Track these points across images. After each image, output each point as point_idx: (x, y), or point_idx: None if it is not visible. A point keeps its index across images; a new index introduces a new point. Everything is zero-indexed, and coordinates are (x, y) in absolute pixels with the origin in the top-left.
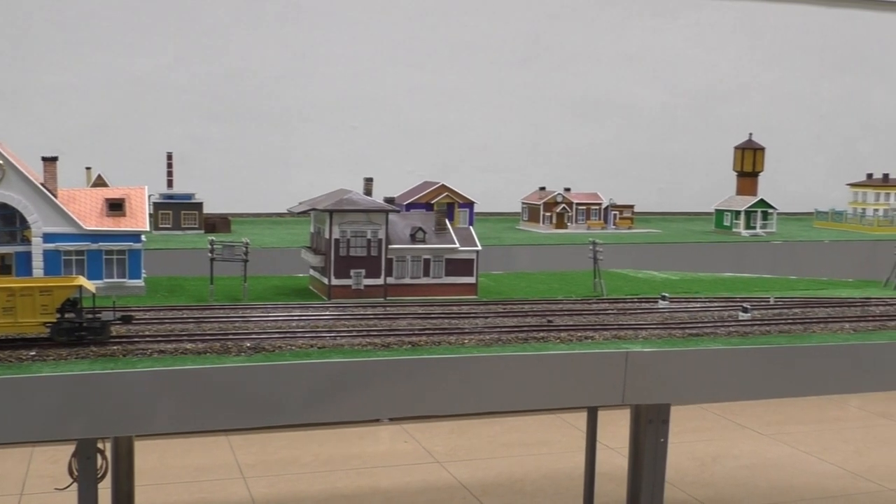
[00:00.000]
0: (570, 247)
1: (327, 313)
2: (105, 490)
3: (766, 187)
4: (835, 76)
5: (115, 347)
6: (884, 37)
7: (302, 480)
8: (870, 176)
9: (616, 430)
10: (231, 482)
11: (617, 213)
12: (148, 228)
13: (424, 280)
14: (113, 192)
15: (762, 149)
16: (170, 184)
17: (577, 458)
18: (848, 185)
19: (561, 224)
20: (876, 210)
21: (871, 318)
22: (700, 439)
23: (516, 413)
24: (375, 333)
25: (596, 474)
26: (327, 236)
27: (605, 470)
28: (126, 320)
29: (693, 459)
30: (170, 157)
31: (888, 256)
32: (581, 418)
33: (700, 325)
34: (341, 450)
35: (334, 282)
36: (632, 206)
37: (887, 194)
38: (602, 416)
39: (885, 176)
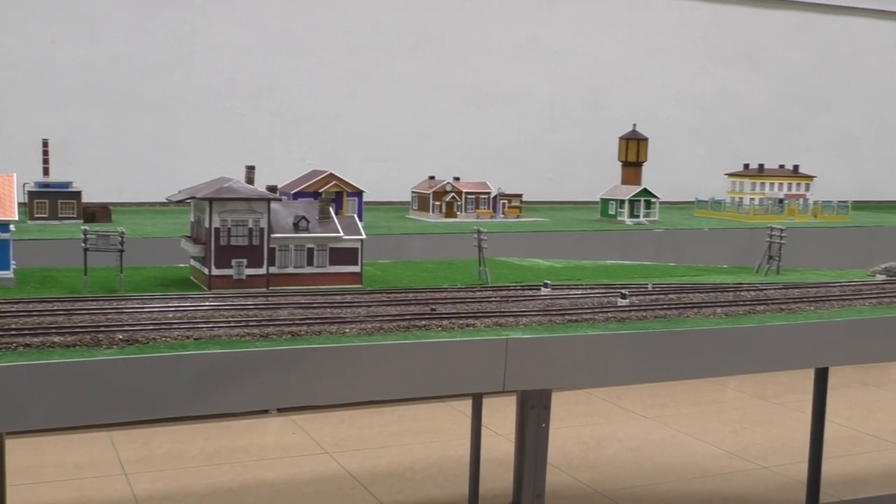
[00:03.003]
0: (459, 235)
1: (206, 304)
2: None
3: (650, 177)
4: (714, 70)
5: None
6: (760, 32)
7: (186, 475)
8: (746, 166)
9: (504, 416)
10: (112, 479)
11: (506, 202)
12: (16, 217)
13: (308, 269)
14: None
15: (645, 139)
16: (46, 171)
17: (467, 445)
18: (726, 174)
19: (450, 213)
20: (752, 199)
21: (741, 303)
22: (586, 423)
23: (407, 402)
24: (255, 324)
25: (485, 460)
26: (207, 225)
27: (493, 456)
28: None
29: (579, 443)
30: (46, 143)
31: (762, 243)
32: (471, 406)
33: (579, 311)
34: (228, 443)
35: (215, 272)
36: (520, 196)
37: (762, 184)
38: (492, 403)
39: (761, 166)
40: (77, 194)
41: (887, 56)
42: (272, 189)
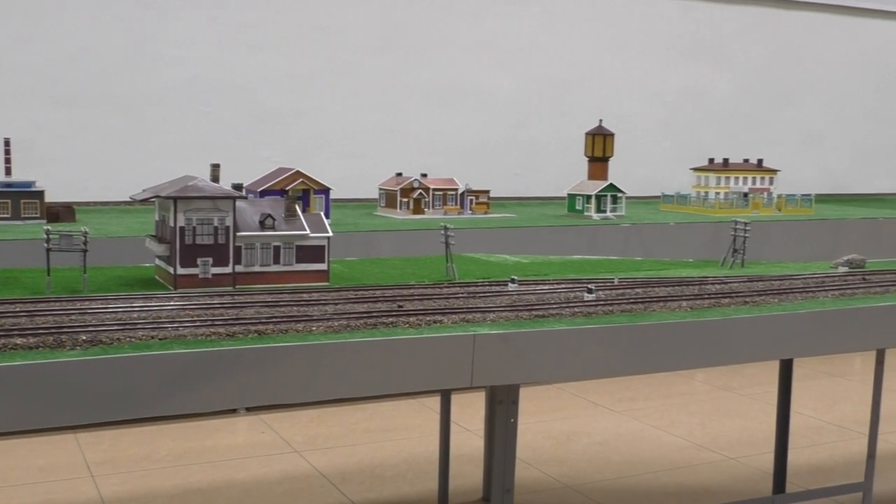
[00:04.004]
0: (427, 232)
1: (171, 304)
2: None
3: (616, 172)
4: (679, 65)
5: None
6: (724, 29)
7: (154, 476)
8: (711, 161)
9: (475, 412)
10: (79, 481)
11: (473, 198)
12: None
13: (275, 268)
14: None
15: (612, 135)
16: (8, 171)
17: (436, 441)
18: (692, 169)
19: (418, 210)
20: (717, 193)
21: (706, 297)
22: (556, 418)
23: (377, 399)
24: (221, 323)
25: (455, 456)
26: (172, 224)
27: (463, 452)
28: None
29: (549, 438)
30: (7, 143)
31: (727, 237)
32: (440, 402)
33: (546, 306)
34: (196, 443)
35: (180, 271)
36: (488, 192)
37: (727, 178)
38: (463, 399)
39: (726, 161)
40: (40, 194)
41: (848, 50)
42: (238, 187)
